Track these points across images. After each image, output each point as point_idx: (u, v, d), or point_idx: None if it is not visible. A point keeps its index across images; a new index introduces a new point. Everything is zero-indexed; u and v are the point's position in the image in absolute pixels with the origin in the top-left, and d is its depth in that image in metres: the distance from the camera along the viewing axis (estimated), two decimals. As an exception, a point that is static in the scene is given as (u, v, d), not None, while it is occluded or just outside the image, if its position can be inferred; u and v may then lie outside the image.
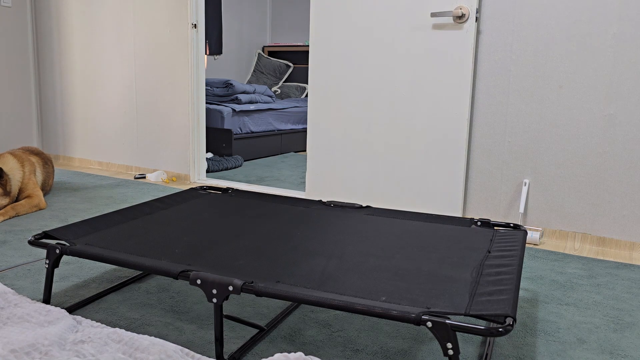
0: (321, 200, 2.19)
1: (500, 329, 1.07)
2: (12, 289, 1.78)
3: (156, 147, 3.86)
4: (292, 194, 3.36)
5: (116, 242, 1.64)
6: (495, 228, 1.90)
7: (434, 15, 2.60)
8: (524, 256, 1.86)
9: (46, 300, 1.64)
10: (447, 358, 1.40)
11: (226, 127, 4.55)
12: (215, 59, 6.09)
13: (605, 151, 2.42)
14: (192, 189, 2.34)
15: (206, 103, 4.81)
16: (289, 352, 1.44)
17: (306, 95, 6.27)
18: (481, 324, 1.60)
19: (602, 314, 1.74)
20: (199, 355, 1.30)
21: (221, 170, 4.22)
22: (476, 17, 2.56)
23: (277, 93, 6.35)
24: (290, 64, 6.54)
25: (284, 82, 6.62)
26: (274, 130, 5.10)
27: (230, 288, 1.28)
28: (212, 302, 1.30)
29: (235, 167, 4.37)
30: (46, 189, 3.14)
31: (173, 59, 3.67)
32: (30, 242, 1.60)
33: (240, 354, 1.40)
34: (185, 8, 3.55)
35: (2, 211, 2.64)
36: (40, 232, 2.07)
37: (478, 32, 2.62)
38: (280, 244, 1.65)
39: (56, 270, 1.98)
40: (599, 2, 2.36)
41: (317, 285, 1.32)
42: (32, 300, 1.61)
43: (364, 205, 2.74)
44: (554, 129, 2.51)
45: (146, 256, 1.51)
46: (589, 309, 1.78)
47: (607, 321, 1.69)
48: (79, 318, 1.50)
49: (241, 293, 1.46)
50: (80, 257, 1.50)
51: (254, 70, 6.66)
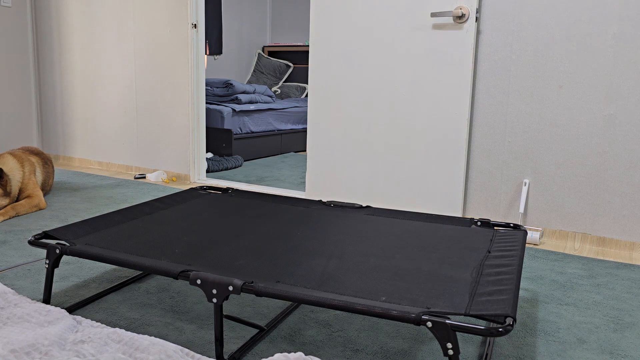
0: (321, 200, 2.19)
1: (500, 329, 1.07)
2: (12, 289, 1.78)
3: (156, 147, 3.86)
4: (292, 194, 3.36)
5: (116, 242, 1.64)
6: (495, 228, 1.90)
7: (434, 15, 2.60)
8: (524, 256, 1.86)
9: (46, 300, 1.64)
10: (447, 358, 1.40)
11: (226, 127, 4.55)
12: (215, 59, 6.09)
13: (605, 151, 2.42)
14: (192, 189, 2.35)
15: (206, 103, 4.81)
16: (289, 352, 1.44)
17: (306, 95, 6.27)
18: (481, 324, 1.60)
19: (602, 314, 1.74)
20: (199, 355, 1.30)
21: (221, 170, 4.22)
22: (476, 17, 2.56)
23: (277, 93, 6.35)
24: (290, 64, 6.54)
25: (284, 82, 6.62)
26: (274, 130, 5.11)
27: (230, 288, 1.28)
28: (212, 302, 1.30)
29: (235, 167, 4.37)
30: (46, 189, 3.14)
31: (173, 59, 3.67)
32: (30, 242, 1.60)
33: (240, 354, 1.40)
34: (185, 8, 3.56)
35: (2, 211, 2.64)
36: (40, 232, 2.07)
37: (478, 32, 2.62)
38: (280, 244, 1.65)
39: (56, 270, 1.98)
40: (599, 2, 2.36)
41: (317, 285, 1.32)
42: (32, 300, 1.61)
43: (364, 205, 2.74)
44: (554, 129, 2.51)
45: (146, 256, 1.51)
46: (589, 309, 1.78)
47: (607, 321, 1.69)
48: (79, 318, 1.50)
49: (241, 293, 1.46)
50: (80, 257, 1.50)
51: (254, 70, 6.66)
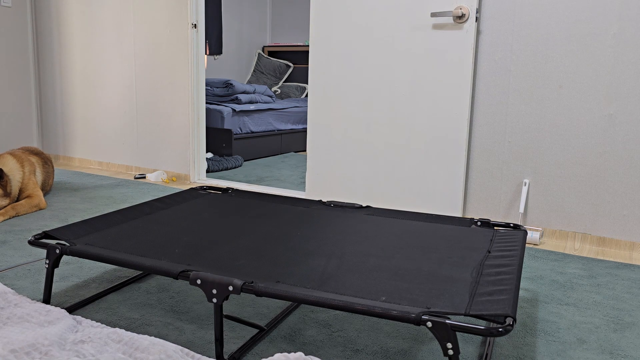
0: (321, 200, 2.19)
1: (500, 329, 1.07)
2: (12, 289, 1.78)
3: (156, 147, 3.86)
4: (292, 194, 3.36)
5: (116, 242, 1.64)
6: (495, 228, 1.90)
7: (434, 15, 2.60)
8: (524, 256, 1.86)
9: (46, 300, 1.64)
10: (447, 358, 1.40)
11: (226, 127, 4.55)
12: (215, 59, 6.09)
13: (605, 151, 2.42)
14: (192, 189, 2.34)
15: (206, 103, 4.81)
16: (289, 352, 1.44)
17: (306, 95, 6.27)
18: (481, 324, 1.60)
19: (602, 314, 1.74)
20: (199, 355, 1.30)
21: (221, 170, 4.22)
22: (476, 17, 2.56)
23: (277, 93, 6.35)
24: (290, 64, 6.54)
25: (284, 82, 6.62)
26: (274, 130, 5.10)
27: (230, 288, 1.28)
28: (212, 302, 1.30)
29: (235, 167, 4.37)
30: (46, 188, 3.14)
31: (173, 59, 3.67)
32: (30, 242, 1.60)
33: (240, 354, 1.40)
34: (185, 8, 3.56)
35: (2, 211, 2.64)
36: (40, 232, 2.07)
37: (478, 32, 2.62)
38: (280, 244, 1.65)
39: (56, 270, 1.98)
40: (599, 2, 2.36)
41: (317, 285, 1.32)
42: (32, 300, 1.61)
43: (364, 205, 2.74)
44: (554, 129, 2.51)
45: (146, 256, 1.51)
46: (589, 309, 1.78)
47: (607, 321, 1.69)
48: (79, 318, 1.50)
49: (241, 293, 1.46)
50: (80, 257, 1.50)
51: (254, 70, 6.66)
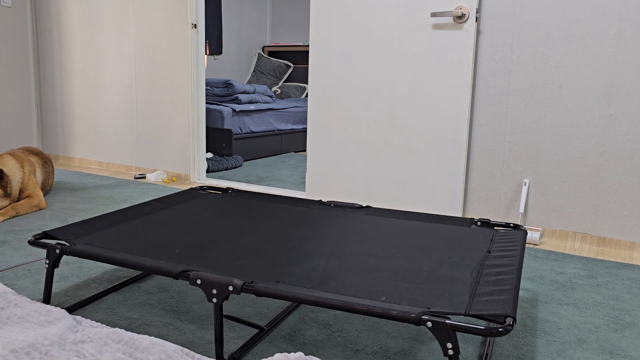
0: (321, 200, 2.19)
1: (500, 329, 1.07)
2: (12, 289, 1.78)
3: (156, 147, 3.86)
4: (292, 194, 3.36)
5: (116, 242, 1.64)
6: (495, 228, 1.90)
7: (434, 15, 2.60)
8: (524, 256, 1.86)
9: (46, 300, 1.64)
10: (447, 358, 1.40)
11: (226, 127, 4.55)
12: (215, 59, 6.09)
13: (605, 151, 2.42)
14: (192, 189, 2.34)
15: (206, 103, 4.81)
16: (289, 352, 1.44)
17: (306, 95, 6.27)
18: (481, 324, 1.60)
19: (602, 314, 1.74)
20: (199, 355, 1.30)
21: (221, 170, 4.22)
22: (476, 17, 2.56)
23: (277, 93, 6.35)
24: (290, 64, 6.54)
25: (284, 82, 6.62)
26: (274, 130, 5.10)
27: (230, 288, 1.28)
28: (212, 302, 1.30)
29: (235, 167, 4.37)
30: (46, 188, 3.14)
31: (173, 59, 3.67)
32: (30, 242, 1.60)
33: (240, 354, 1.40)
34: (185, 8, 3.56)
35: (2, 211, 2.64)
36: (40, 232, 2.07)
37: (478, 32, 2.62)
38: (280, 244, 1.65)
39: (56, 270, 1.98)
40: (599, 2, 2.36)
41: (317, 285, 1.32)
42: (32, 300, 1.61)
43: (364, 205, 2.74)
44: (554, 129, 2.51)
45: (146, 256, 1.51)
46: (589, 309, 1.78)
47: (607, 321, 1.69)
48: (79, 318, 1.50)
49: (241, 293, 1.46)
50: (80, 257, 1.50)
51: (254, 70, 6.66)
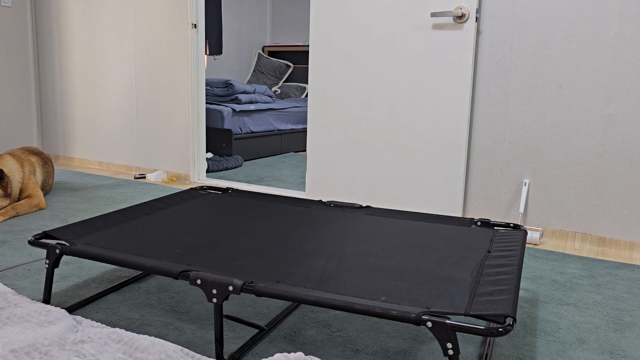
0: (321, 200, 2.19)
1: (500, 329, 1.07)
2: (12, 289, 1.78)
3: (156, 147, 3.86)
4: (292, 194, 3.36)
5: (116, 242, 1.64)
6: (495, 228, 1.90)
7: (434, 15, 2.60)
8: (524, 256, 1.86)
9: (46, 300, 1.64)
10: (447, 358, 1.40)
11: (226, 127, 4.55)
12: (215, 59, 6.09)
13: (605, 151, 2.42)
14: (192, 189, 2.34)
15: (206, 103, 4.81)
16: (289, 352, 1.44)
17: (306, 95, 6.27)
18: (481, 324, 1.60)
19: (602, 314, 1.74)
20: (199, 355, 1.30)
21: (221, 170, 4.22)
22: (476, 17, 2.56)
23: (277, 93, 6.35)
24: (290, 64, 6.54)
25: (284, 82, 6.62)
26: (274, 130, 5.10)
27: (230, 288, 1.28)
28: (212, 302, 1.30)
29: (235, 167, 4.37)
30: (46, 188, 3.14)
31: (173, 59, 3.67)
32: (30, 242, 1.60)
33: (240, 354, 1.40)
34: (185, 8, 3.56)
35: (2, 211, 2.64)
36: (40, 232, 2.07)
37: (478, 32, 2.62)
38: (280, 244, 1.65)
39: (56, 270, 1.98)
40: (599, 2, 2.36)
41: (317, 285, 1.32)
42: (32, 300, 1.61)
43: (364, 205, 2.74)
44: (554, 129, 2.51)
45: (146, 256, 1.51)
46: (589, 309, 1.78)
47: (607, 321, 1.69)
48: (79, 318, 1.50)
49: (241, 293, 1.46)
50: (80, 257, 1.50)
51: (254, 70, 6.66)
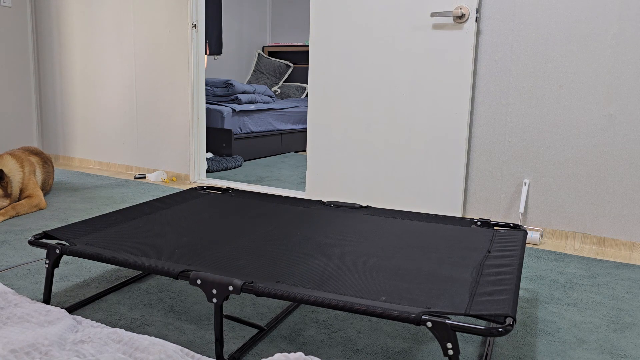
0: (321, 200, 2.19)
1: (500, 329, 1.07)
2: (12, 289, 1.78)
3: (156, 147, 3.86)
4: (292, 194, 3.36)
5: (116, 242, 1.64)
6: (495, 228, 1.90)
7: (434, 15, 2.60)
8: (524, 256, 1.86)
9: (46, 300, 1.64)
10: (447, 358, 1.40)
11: (226, 127, 4.55)
12: (215, 59, 6.09)
13: (605, 151, 2.42)
14: (192, 189, 2.34)
15: (206, 103, 4.81)
16: (289, 352, 1.44)
17: (306, 95, 6.27)
18: (481, 324, 1.60)
19: (602, 314, 1.74)
20: (199, 355, 1.30)
21: (221, 170, 4.22)
22: (476, 17, 2.56)
23: (277, 93, 6.35)
24: (290, 64, 6.54)
25: (284, 82, 6.62)
26: (274, 130, 5.10)
27: (230, 288, 1.28)
28: (212, 302, 1.30)
29: (235, 167, 4.37)
30: (46, 188, 3.14)
31: (173, 59, 3.67)
32: (30, 242, 1.60)
33: (240, 354, 1.40)
34: (185, 8, 3.56)
35: (2, 211, 2.64)
36: (40, 232, 2.07)
37: (478, 32, 2.62)
38: (280, 244, 1.65)
39: (56, 270, 1.98)
40: (599, 2, 2.36)
41: (317, 285, 1.32)
42: (32, 300, 1.61)
43: (364, 205, 2.74)
44: (554, 129, 2.51)
45: (146, 256, 1.51)
46: (589, 309, 1.78)
47: (607, 321, 1.69)
48: (79, 318, 1.50)
49: (241, 293, 1.46)
50: (80, 257, 1.50)
51: (254, 70, 6.66)
